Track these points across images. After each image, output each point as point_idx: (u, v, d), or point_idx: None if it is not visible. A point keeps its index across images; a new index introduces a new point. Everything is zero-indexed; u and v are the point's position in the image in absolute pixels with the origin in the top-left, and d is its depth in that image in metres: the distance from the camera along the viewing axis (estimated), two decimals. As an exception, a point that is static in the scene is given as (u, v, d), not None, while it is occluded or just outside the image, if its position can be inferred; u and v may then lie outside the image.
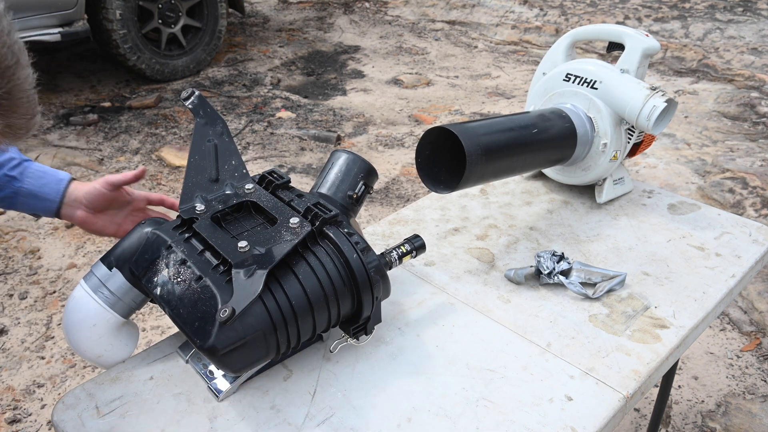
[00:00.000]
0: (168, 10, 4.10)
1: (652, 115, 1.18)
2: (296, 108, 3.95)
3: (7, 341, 2.17)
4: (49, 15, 3.55)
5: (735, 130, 3.54)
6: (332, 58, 4.86)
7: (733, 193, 2.90)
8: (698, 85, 4.11)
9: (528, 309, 1.07)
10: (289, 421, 0.86)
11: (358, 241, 0.88)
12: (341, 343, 0.96)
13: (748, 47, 4.35)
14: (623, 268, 1.16)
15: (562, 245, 1.23)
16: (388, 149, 3.49)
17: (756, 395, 1.97)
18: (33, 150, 3.35)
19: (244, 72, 4.47)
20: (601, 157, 1.28)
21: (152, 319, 2.26)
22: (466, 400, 0.89)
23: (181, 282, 0.85)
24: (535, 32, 5.06)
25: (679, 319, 1.05)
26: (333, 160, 1.05)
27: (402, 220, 1.33)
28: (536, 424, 0.86)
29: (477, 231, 1.29)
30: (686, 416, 1.91)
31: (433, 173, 1.08)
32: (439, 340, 1.00)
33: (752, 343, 2.18)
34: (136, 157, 3.35)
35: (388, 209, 2.93)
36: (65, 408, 0.88)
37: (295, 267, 0.84)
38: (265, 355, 0.83)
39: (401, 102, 4.08)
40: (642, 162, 1.74)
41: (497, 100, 4.07)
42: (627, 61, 1.28)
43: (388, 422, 0.86)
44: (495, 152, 1.06)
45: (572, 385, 0.92)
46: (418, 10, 5.74)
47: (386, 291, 0.93)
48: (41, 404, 1.94)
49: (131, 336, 0.96)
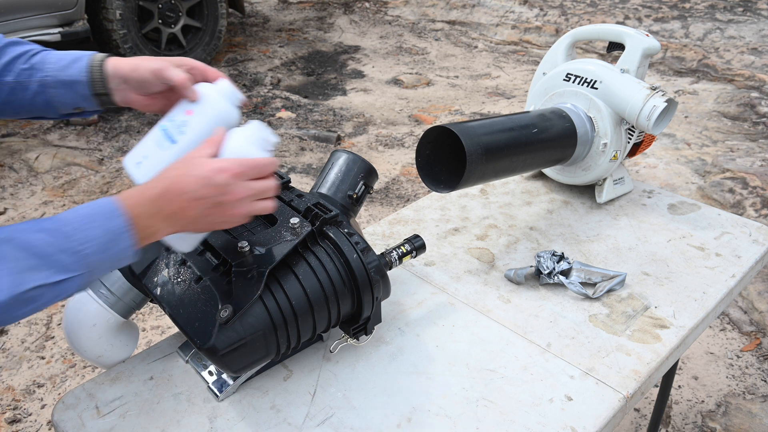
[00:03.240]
0: (168, 10, 4.10)
1: (652, 115, 1.18)
2: (296, 108, 3.95)
3: (7, 341, 2.17)
4: (49, 15, 3.54)
5: (735, 130, 3.54)
6: (332, 58, 4.86)
7: (733, 193, 2.90)
8: (698, 85, 4.11)
9: (528, 309, 1.07)
10: (289, 421, 0.86)
11: (358, 241, 0.88)
12: (341, 343, 0.96)
13: (748, 47, 4.35)
14: (623, 268, 1.16)
15: (562, 245, 1.23)
16: (388, 149, 3.49)
17: (756, 395, 1.97)
18: (33, 150, 3.35)
19: (244, 72, 4.47)
20: (601, 157, 1.28)
21: (152, 319, 2.26)
22: (466, 400, 0.89)
23: (181, 282, 0.85)
24: (535, 32, 5.06)
25: (679, 319, 1.05)
26: (333, 160, 1.05)
27: (402, 220, 1.33)
28: (536, 424, 0.85)
29: (477, 231, 1.29)
30: (686, 416, 1.91)
31: (433, 173, 1.08)
32: (439, 340, 1.00)
33: (752, 343, 2.18)
34: (136, 157, 3.35)
35: (388, 209, 2.93)
36: (65, 408, 0.88)
37: (295, 267, 0.84)
38: (265, 355, 0.83)
39: (401, 102, 4.08)
40: (642, 162, 1.74)
41: (497, 100, 4.07)
42: (627, 61, 1.28)
43: (388, 422, 0.86)
44: (495, 152, 1.06)
45: (572, 385, 0.92)
46: (418, 10, 5.73)
47: (386, 291, 0.93)
48: (41, 404, 1.94)
49: (131, 336, 0.96)
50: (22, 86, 0.85)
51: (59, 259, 0.64)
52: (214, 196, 0.73)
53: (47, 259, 0.64)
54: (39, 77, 0.85)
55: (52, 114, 0.89)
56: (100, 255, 0.67)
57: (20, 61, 0.85)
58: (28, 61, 0.85)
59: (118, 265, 0.71)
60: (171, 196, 0.72)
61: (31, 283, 0.62)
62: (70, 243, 0.65)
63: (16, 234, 0.64)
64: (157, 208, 0.72)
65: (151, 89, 0.87)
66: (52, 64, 0.86)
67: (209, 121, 0.81)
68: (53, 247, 0.64)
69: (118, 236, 0.69)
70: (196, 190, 0.72)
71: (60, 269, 0.64)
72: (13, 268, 0.62)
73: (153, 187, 0.73)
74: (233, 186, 0.74)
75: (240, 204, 0.75)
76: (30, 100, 0.86)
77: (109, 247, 0.68)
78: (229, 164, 0.74)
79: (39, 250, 0.63)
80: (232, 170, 0.74)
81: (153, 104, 0.89)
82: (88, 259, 0.66)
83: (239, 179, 0.75)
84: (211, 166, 0.74)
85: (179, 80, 0.83)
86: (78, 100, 0.87)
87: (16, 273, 0.62)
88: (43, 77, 0.85)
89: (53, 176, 3.16)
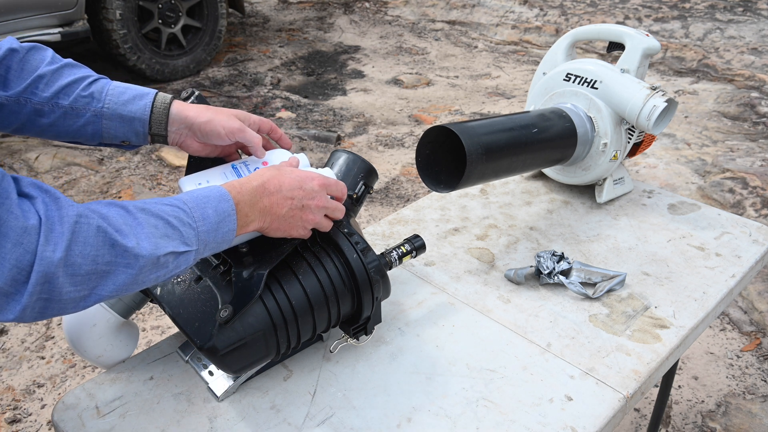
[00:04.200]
0: (168, 10, 4.10)
1: (652, 114, 1.18)
2: (296, 108, 3.95)
3: (7, 341, 2.17)
4: (49, 15, 3.54)
5: (735, 130, 3.54)
6: (332, 58, 4.86)
7: (733, 193, 2.90)
8: (698, 85, 4.11)
9: (528, 309, 1.07)
10: (289, 421, 0.86)
11: (358, 241, 0.88)
12: (341, 343, 0.96)
13: (748, 47, 4.35)
14: (623, 268, 1.16)
15: (562, 245, 1.23)
16: (388, 149, 3.49)
17: (756, 395, 1.97)
18: (33, 150, 3.35)
19: (244, 72, 4.47)
20: (601, 157, 1.28)
21: (152, 319, 2.26)
22: (466, 400, 0.89)
23: (181, 282, 0.85)
24: (535, 32, 5.06)
25: (679, 319, 1.05)
26: (333, 160, 1.05)
27: (402, 220, 1.33)
28: (536, 424, 0.85)
29: (477, 231, 1.29)
30: (686, 416, 1.91)
31: (433, 173, 1.08)
32: (439, 340, 1.00)
33: (752, 343, 2.18)
34: (137, 157, 3.35)
35: (388, 209, 2.93)
36: (65, 408, 0.88)
37: (295, 267, 0.84)
38: (265, 355, 0.83)
39: (401, 102, 4.08)
40: (642, 162, 1.74)
41: (497, 100, 4.07)
42: (627, 61, 1.28)
43: (388, 422, 0.86)
44: (495, 152, 1.06)
45: (572, 385, 0.92)
46: (418, 10, 5.73)
47: (386, 291, 0.93)
48: (41, 404, 1.94)
49: (131, 336, 0.96)
50: (76, 112, 0.85)
51: (185, 231, 0.69)
52: (302, 198, 0.81)
53: (177, 230, 0.68)
54: (96, 107, 0.85)
55: (92, 142, 0.89)
56: (211, 234, 0.72)
57: (79, 87, 0.85)
58: (87, 87, 0.85)
59: (220, 247, 0.75)
60: (269, 190, 0.78)
61: (167, 248, 0.66)
62: (191, 218, 0.70)
63: (148, 205, 0.68)
64: (256, 198, 0.77)
65: (216, 142, 0.91)
66: (113, 96, 0.86)
67: None
68: (180, 221, 0.69)
69: (226, 218, 0.73)
70: (291, 190, 0.80)
71: (185, 241, 0.69)
72: (151, 233, 0.66)
73: (253, 179, 0.79)
74: (318, 193, 0.83)
75: (317, 212, 0.83)
76: (79, 127, 0.86)
77: (219, 227, 0.72)
78: (316, 175, 0.84)
79: (171, 221, 0.68)
80: (320, 180, 0.84)
81: (205, 150, 0.94)
82: (202, 236, 0.71)
83: (324, 190, 0.84)
84: (302, 173, 0.83)
85: (256, 143, 0.91)
86: (130, 135, 0.88)
87: (156, 237, 0.66)
88: (100, 108, 0.85)
89: (53, 176, 3.16)
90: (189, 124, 0.89)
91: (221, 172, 0.88)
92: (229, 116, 0.90)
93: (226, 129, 0.88)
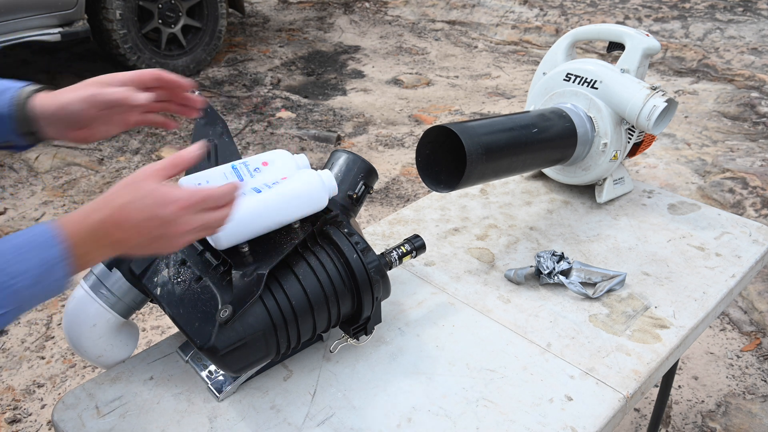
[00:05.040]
0: (168, 10, 4.10)
1: (652, 114, 1.18)
2: (296, 108, 3.95)
3: (7, 341, 2.17)
4: (49, 15, 3.54)
5: (735, 130, 3.54)
6: (332, 58, 4.86)
7: (733, 193, 2.90)
8: (698, 85, 4.11)
9: (528, 309, 1.07)
10: (289, 421, 0.86)
11: (358, 241, 0.88)
12: (341, 343, 0.96)
13: (748, 47, 4.35)
14: (623, 268, 1.16)
15: (562, 245, 1.23)
16: (388, 149, 3.49)
17: (756, 395, 1.97)
18: (33, 150, 3.35)
19: (244, 72, 4.47)
20: (601, 157, 1.28)
21: (152, 319, 2.26)
22: (466, 400, 0.89)
23: (181, 282, 0.85)
24: (535, 32, 5.06)
25: (679, 319, 1.05)
26: (333, 160, 1.05)
27: (402, 220, 1.33)
28: (536, 424, 0.85)
29: (477, 231, 1.29)
30: (686, 416, 1.91)
31: (433, 173, 1.08)
32: (439, 340, 1.00)
33: (752, 343, 2.18)
34: (136, 157, 3.35)
35: (388, 209, 2.93)
36: (65, 408, 0.88)
37: (295, 267, 0.84)
38: (265, 355, 0.83)
39: (401, 102, 4.08)
40: (642, 162, 1.74)
41: (497, 100, 4.07)
42: (627, 61, 1.28)
43: (388, 422, 0.86)
44: (495, 151, 1.06)
45: (572, 385, 0.92)
46: (418, 10, 5.73)
47: (386, 291, 0.93)
48: (41, 404, 1.94)
49: (131, 336, 0.96)
50: None
51: None
52: (157, 228, 0.67)
53: None
54: None
55: None
56: (32, 288, 0.62)
57: None
58: None
59: (49, 296, 0.65)
60: (112, 227, 0.66)
61: None
62: (5, 276, 0.60)
63: None
64: (101, 235, 0.66)
65: (88, 123, 0.80)
66: None
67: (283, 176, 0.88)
68: None
69: (52, 267, 0.63)
70: (138, 223, 0.66)
71: None
72: None
73: (95, 212, 0.66)
74: (179, 219, 0.68)
75: (185, 235, 0.69)
76: None
77: (42, 279, 0.62)
78: (178, 195, 0.68)
79: None
80: (180, 203, 0.67)
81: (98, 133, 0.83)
82: (19, 294, 0.61)
83: (188, 213, 0.68)
84: (157, 196, 0.67)
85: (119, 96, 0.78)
86: (6, 135, 0.79)
87: None
88: None
89: (53, 176, 3.16)
90: (51, 115, 0.79)
91: (221, 172, 0.88)
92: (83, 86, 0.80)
93: (82, 101, 0.78)
